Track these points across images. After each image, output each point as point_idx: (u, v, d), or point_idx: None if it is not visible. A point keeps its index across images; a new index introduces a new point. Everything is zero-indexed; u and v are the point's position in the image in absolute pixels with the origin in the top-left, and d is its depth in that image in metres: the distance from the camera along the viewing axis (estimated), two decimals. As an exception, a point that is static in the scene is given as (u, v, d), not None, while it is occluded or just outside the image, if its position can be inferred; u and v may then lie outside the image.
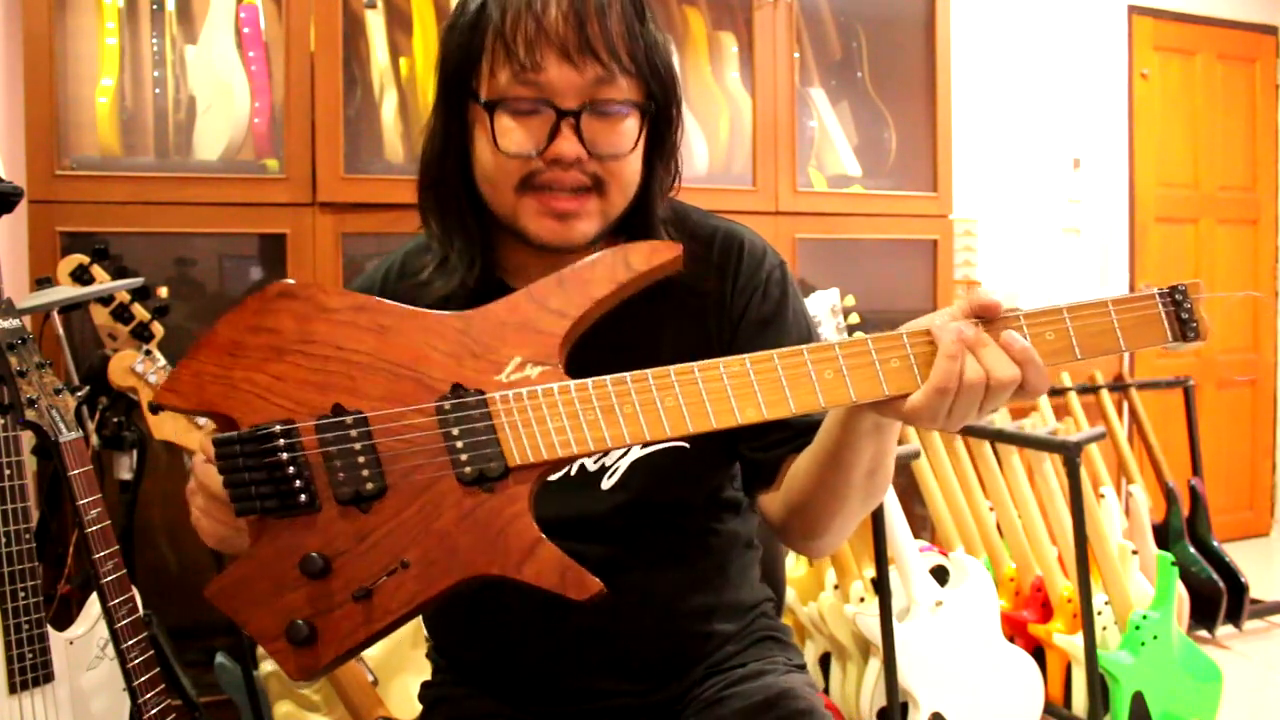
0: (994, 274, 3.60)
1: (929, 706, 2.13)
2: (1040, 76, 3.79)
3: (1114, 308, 0.77)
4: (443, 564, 0.76)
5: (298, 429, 0.77)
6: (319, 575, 0.76)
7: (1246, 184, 4.29)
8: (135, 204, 1.99)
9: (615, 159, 0.93)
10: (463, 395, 0.77)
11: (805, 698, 1.03)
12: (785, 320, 1.04)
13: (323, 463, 0.77)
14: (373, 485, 0.76)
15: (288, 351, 0.79)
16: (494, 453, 0.76)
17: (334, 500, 0.77)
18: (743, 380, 0.77)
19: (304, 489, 0.76)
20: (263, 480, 0.76)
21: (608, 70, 0.90)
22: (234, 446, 0.77)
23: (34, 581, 1.44)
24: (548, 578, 0.76)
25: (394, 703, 1.79)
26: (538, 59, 0.88)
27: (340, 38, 2.11)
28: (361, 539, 0.77)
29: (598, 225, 0.95)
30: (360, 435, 0.77)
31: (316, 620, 0.76)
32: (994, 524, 2.57)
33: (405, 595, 0.76)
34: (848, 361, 0.77)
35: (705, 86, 2.62)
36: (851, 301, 2.18)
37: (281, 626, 0.76)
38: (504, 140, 0.91)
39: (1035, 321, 0.78)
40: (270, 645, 0.77)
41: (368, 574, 0.76)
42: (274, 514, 0.77)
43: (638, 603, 1.01)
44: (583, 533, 0.98)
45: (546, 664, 1.03)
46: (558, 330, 0.79)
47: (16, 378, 1.39)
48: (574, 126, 0.90)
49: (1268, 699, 2.82)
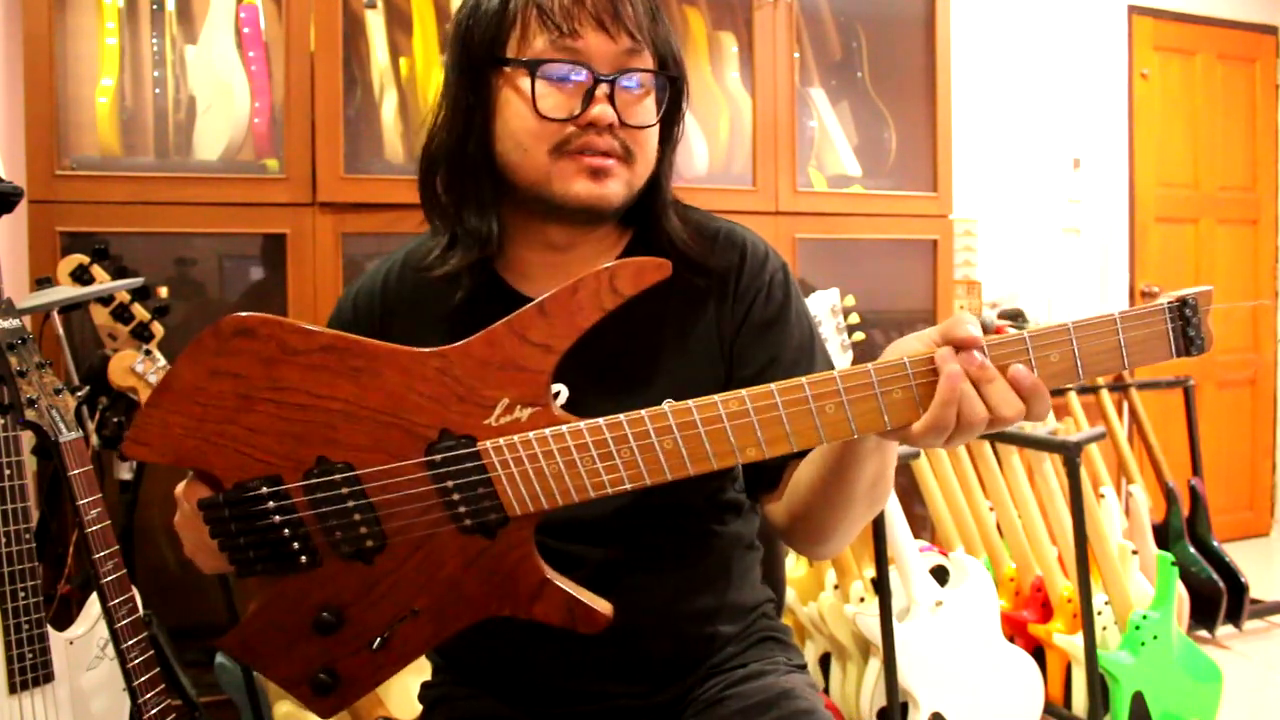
0: (994, 274, 3.60)
1: (929, 706, 2.13)
2: (1040, 76, 3.79)
3: (1121, 324, 0.73)
4: (454, 609, 0.77)
5: (286, 489, 0.75)
6: (332, 630, 0.76)
7: (1246, 184, 4.29)
8: (135, 204, 1.99)
9: (642, 129, 0.96)
10: (453, 444, 0.74)
11: (806, 698, 1.03)
12: (788, 322, 1.03)
13: (317, 521, 0.75)
14: (372, 542, 0.75)
15: (258, 400, 0.75)
16: (493, 505, 0.75)
17: (335, 556, 0.76)
18: (742, 419, 0.74)
19: (303, 550, 0.75)
20: (258, 543, 0.75)
21: (637, 43, 0.94)
22: (222, 510, 0.75)
23: (34, 581, 1.44)
24: (557, 615, 0.77)
25: (394, 703, 1.78)
26: (575, 26, 0.92)
27: (340, 38, 2.11)
28: (369, 589, 0.76)
29: (624, 192, 0.96)
30: (352, 492, 0.75)
31: (337, 667, 0.76)
32: (994, 524, 2.57)
33: (421, 640, 0.77)
34: (849, 395, 0.74)
35: (705, 86, 2.62)
36: (851, 301, 2.18)
37: (303, 675, 0.77)
38: (543, 103, 0.93)
39: (1041, 344, 0.73)
40: (295, 691, 0.78)
41: (379, 622, 0.76)
42: (275, 572, 0.76)
43: (639, 605, 1.01)
44: (584, 535, 0.98)
45: (547, 665, 1.03)
46: (544, 367, 0.75)
47: (16, 378, 1.39)
48: (608, 93, 0.92)
49: (1268, 699, 2.82)
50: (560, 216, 0.97)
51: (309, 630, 0.76)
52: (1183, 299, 0.73)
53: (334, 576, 0.76)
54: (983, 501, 2.57)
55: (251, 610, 0.79)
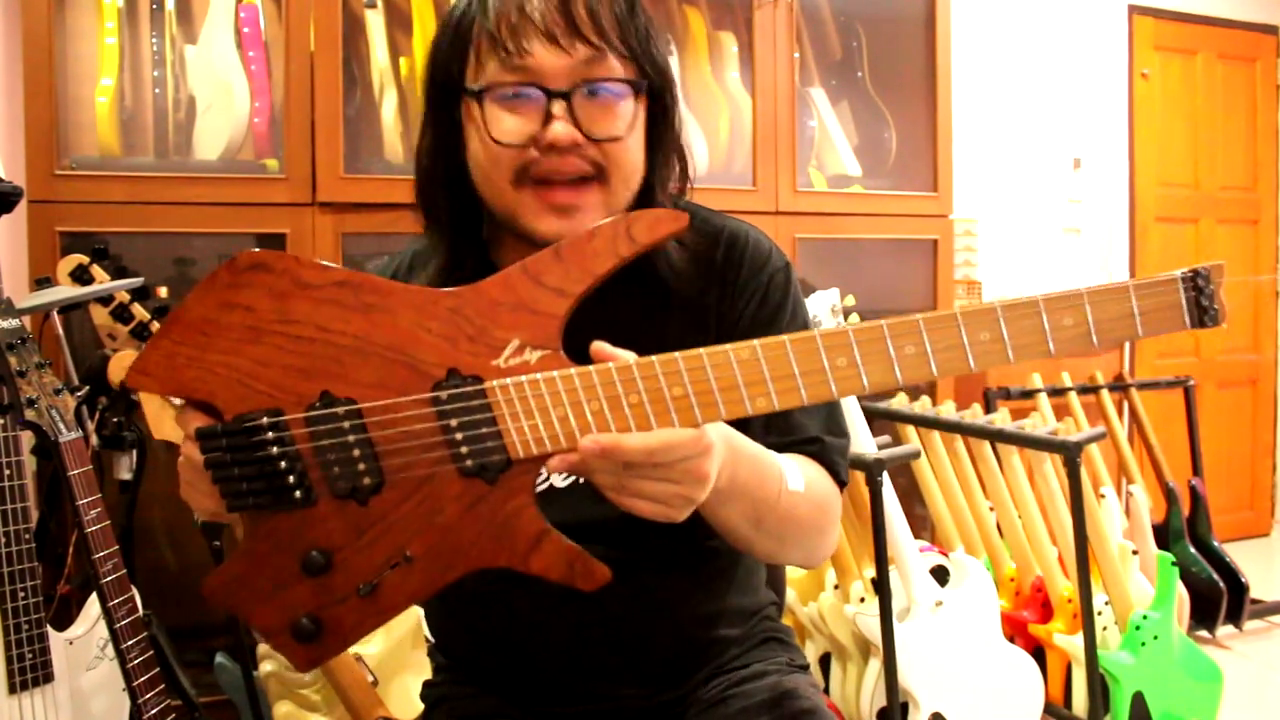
0: (994, 274, 3.60)
1: (929, 706, 2.13)
2: (1040, 76, 3.79)
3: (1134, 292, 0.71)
4: (448, 557, 0.74)
5: (286, 420, 0.73)
6: (319, 572, 0.74)
7: (1246, 184, 4.29)
8: (135, 204, 1.99)
9: (613, 142, 0.90)
10: (460, 382, 0.73)
11: (808, 698, 1.03)
12: (781, 322, 1.02)
13: (315, 455, 0.74)
14: (370, 480, 0.74)
15: (266, 332, 0.74)
16: (496, 445, 0.73)
17: (330, 494, 0.74)
18: (753, 367, 0.72)
19: (298, 484, 0.73)
20: (253, 475, 0.73)
21: (598, 50, 0.88)
22: (219, 439, 0.73)
23: (34, 581, 1.44)
24: (556, 569, 0.74)
25: (394, 703, 1.78)
26: (523, 44, 0.87)
27: (340, 38, 2.11)
28: (361, 533, 0.74)
29: (599, 217, 0.92)
30: (353, 427, 0.73)
31: (321, 614, 0.74)
32: (994, 524, 2.57)
33: (410, 589, 0.74)
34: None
35: (705, 86, 2.62)
36: (851, 301, 2.18)
37: (285, 622, 0.74)
38: (495, 129, 0.89)
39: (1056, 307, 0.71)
40: (275, 640, 0.75)
41: (370, 568, 0.74)
42: (267, 507, 0.74)
43: (645, 607, 1.01)
44: (591, 537, 0.97)
45: (550, 665, 1.03)
46: (557, 311, 0.74)
47: (16, 378, 1.39)
48: (567, 109, 0.87)
49: (1268, 699, 2.82)
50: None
51: (296, 572, 0.74)
52: (1195, 270, 0.72)
53: (327, 517, 0.74)
54: (983, 501, 2.57)
55: (236, 552, 0.76)
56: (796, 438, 0.97)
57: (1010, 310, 0.71)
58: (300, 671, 0.77)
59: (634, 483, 0.75)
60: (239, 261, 0.75)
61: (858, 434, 2.16)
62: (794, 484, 0.90)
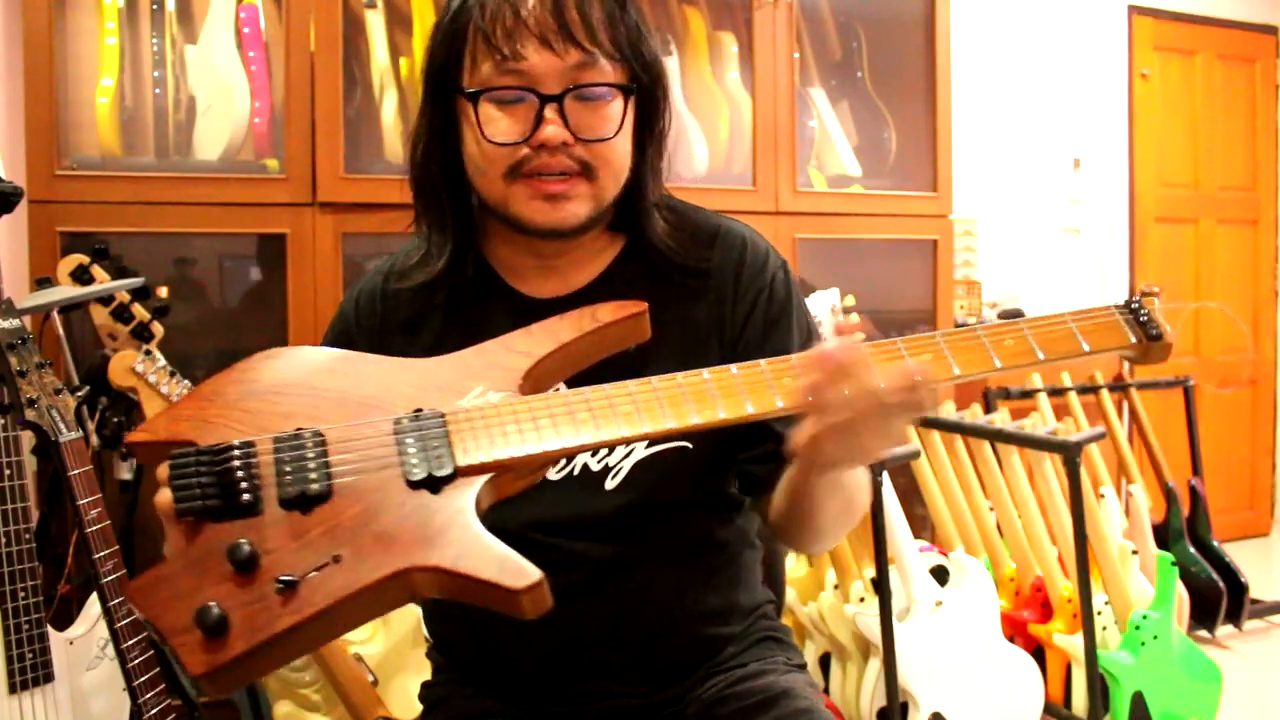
0: (994, 274, 3.60)
1: (929, 706, 2.13)
2: (1040, 76, 3.79)
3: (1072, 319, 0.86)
4: (376, 557, 0.74)
5: (255, 443, 0.77)
6: (244, 566, 0.72)
7: (1246, 184, 4.29)
8: (135, 204, 1.99)
9: (602, 143, 0.94)
10: (423, 413, 0.79)
11: (806, 697, 1.03)
12: (791, 321, 1.04)
13: (274, 472, 0.76)
14: (317, 486, 0.75)
15: (261, 394, 0.81)
16: (444, 455, 0.76)
17: (277, 503, 0.75)
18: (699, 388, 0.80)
19: (249, 489, 0.75)
20: (209, 483, 0.75)
21: (589, 55, 0.92)
22: (190, 458, 0.77)
23: (34, 581, 1.44)
24: (486, 568, 0.73)
25: (394, 703, 1.79)
26: (518, 47, 0.90)
27: (340, 38, 2.11)
28: (297, 537, 0.75)
29: (589, 208, 0.95)
30: (315, 446, 0.77)
31: (231, 609, 0.71)
32: (994, 524, 2.57)
33: (332, 588, 0.73)
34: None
35: (705, 86, 2.62)
36: (851, 301, 2.18)
37: (191, 613, 0.71)
38: (490, 129, 0.92)
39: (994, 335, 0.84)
40: (177, 639, 0.72)
41: (297, 568, 0.73)
42: (214, 514, 0.75)
43: (640, 605, 1.01)
44: (586, 533, 0.98)
45: (548, 665, 1.03)
46: (520, 366, 0.82)
47: (16, 378, 1.39)
48: (558, 111, 0.91)
49: (1268, 699, 2.82)
50: (534, 235, 0.97)
51: (218, 573, 0.73)
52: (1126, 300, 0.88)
53: (266, 525, 0.75)
54: (983, 501, 2.57)
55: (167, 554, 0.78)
56: None
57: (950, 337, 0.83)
58: (196, 676, 0.72)
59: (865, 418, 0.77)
60: (258, 355, 0.84)
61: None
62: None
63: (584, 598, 0.99)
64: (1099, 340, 0.85)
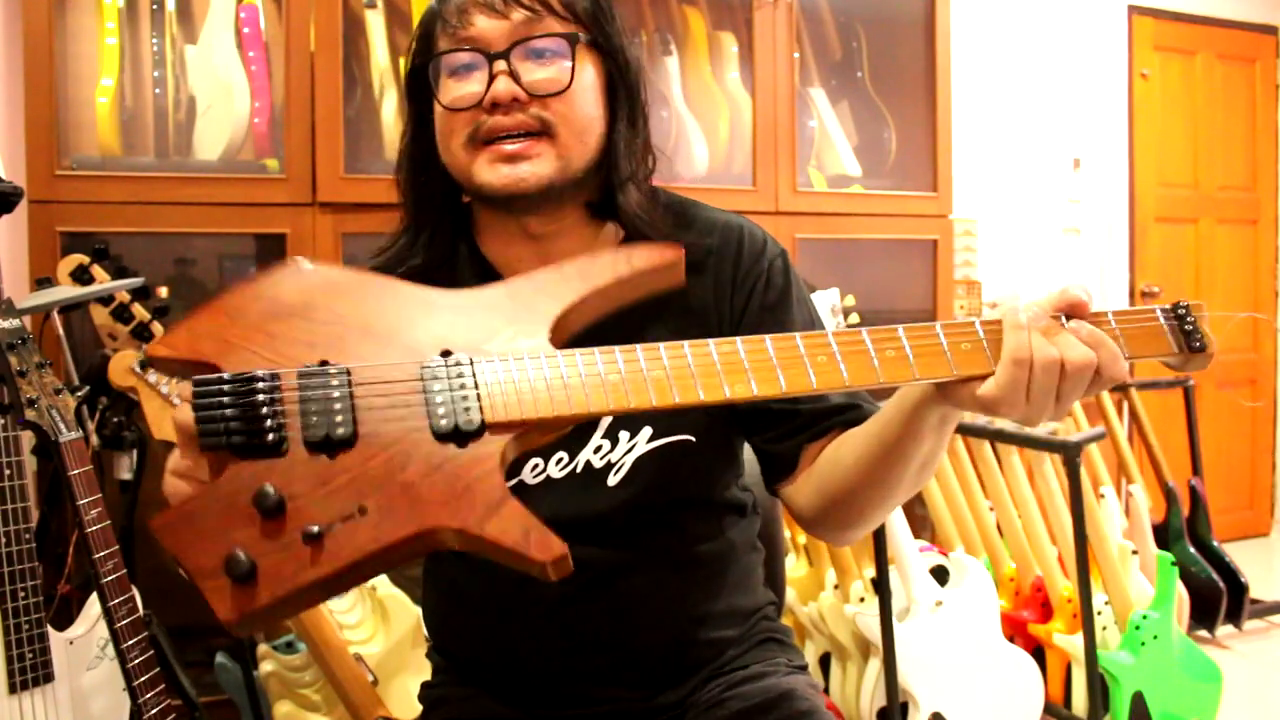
0: (994, 274, 3.60)
1: (929, 706, 2.14)
2: (1040, 76, 3.79)
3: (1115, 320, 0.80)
4: (402, 514, 0.74)
5: (280, 377, 0.76)
6: (271, 513, 0.73)
7: (1246, 184, 4.29)
8: (135, 204, 1.99)
9: (555, 97, 0.94)
10: (449, 357, 0.78)
11: (807, 699, 1.03)
12: (790, 306, 1.04)
13: (299, 410, 0.75)
14: (343, 430, 0.75)
15: (285, 316, 0.80)
16: (472, 408, 0.76)
17: (302, 444, 0.75)
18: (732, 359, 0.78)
19: (274, 429, 0.74)
20: (235, 418, 0.75)
21: (535, 13, 0.94)
22: (215, 386, 0.76)
23: (34, 581, 1.44)
24: (510, 535, 0.73)
25: (394, 703, 1.79)
26: (466, 17, 0.94)
27: (340, 38, 2.11)
28: (323, 484, 0.74)
29: (551, 168, 0.95)
30: (340, 385, 0.76)
31: (260, 556, 0.72)
32: (994, 524, 2.57)
33: (358, 542, 0.73)
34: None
35: (705, 86, 2.62)
36: (851, 301, 2.19)
37: (220, 557, 0.72)
38: (446, 96, 0.95)
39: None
40: (207, 582, 0.73)
41: (322, 518, 0.74)
42: (238, 451, 0.75)
43: (642, 607, 1.01)
44: (588, 534, 0.98)
45: (550, 667, 1.03)
46: (551, 311, 0.80)
47: (16, 378, 1.39)
48: (507, 67, 0.93)
49: (1268, 699, 2.82)
50: (510, 207, 0.98)
51: (245, 515, 0.73)
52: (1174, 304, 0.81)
53: (292, 466, 0.75)
54: (983, 501, 2.57)
55: (195, 490, 0.77)
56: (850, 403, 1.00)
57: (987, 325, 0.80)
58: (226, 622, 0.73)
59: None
60: (283, 268, 0.82)
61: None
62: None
63: (586, 601, 0.99)
64: (1139, 346, 0.81)
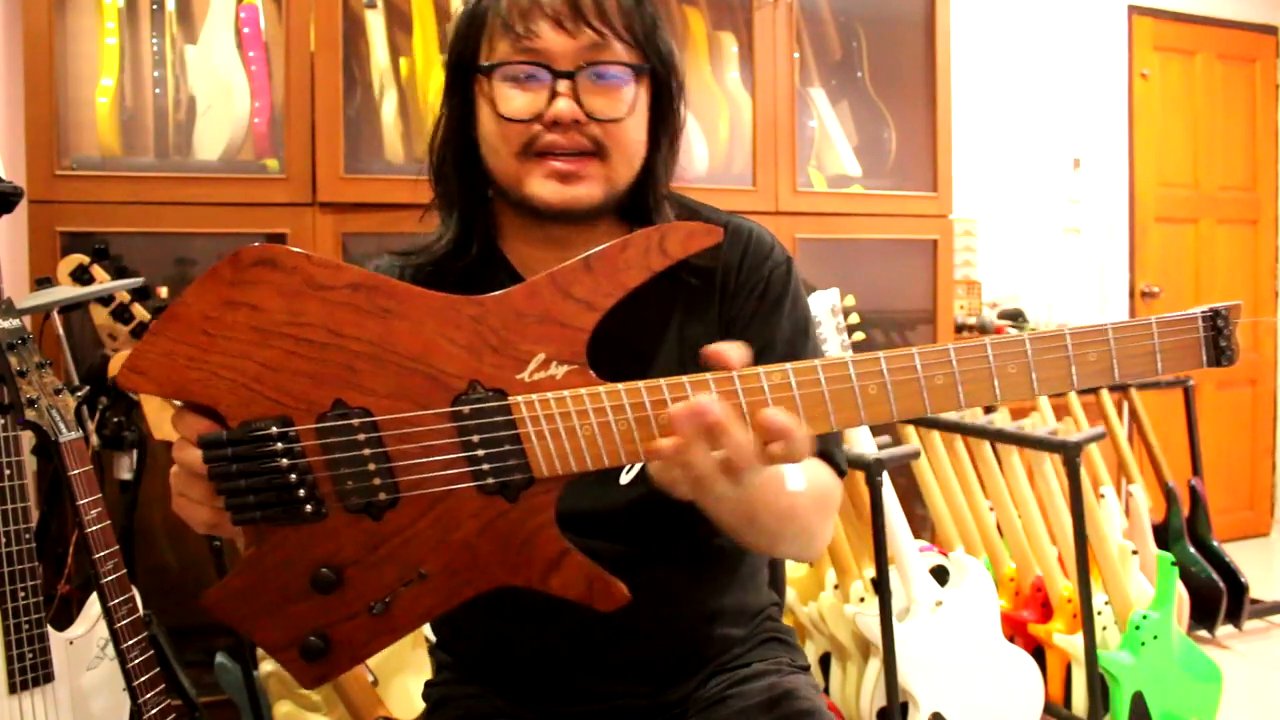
0: (994, 274, 3.60)
1: (929, 706, 2.13)
2: (1040, 76, 3.79)
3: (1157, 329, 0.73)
4: (464, 575, 0.71)
5: (296, 429, 0.69)
6: (330, 588, 0.70)
7: (1246, 184, 4.29)
8: (135, 204, 1.99)
9: (614, 123, 0.94)
10: (482, 396, 0.70)
11: (808, 698, 1.03)
12: (781, 314, 1.03)
13: (327, 468, 0.70)
14: (385, 495, 0.70)
15: (274, 334, 0.70)
16: (520, 464, 0.71)
17: (342, 508, 0.71)
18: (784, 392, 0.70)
19: (308, 497, 0.70)
20: (261, 487, 0.69)
21: (602, 36, 0.93)
22: (225, 448, 0.69)
23: (34, 581, 1.44)
24: (575, 588, 0.72)
25: (394, 703, 1.78)
26: (532, 26, 0.92)
27: (340, 38, 2.11)
28: (374, 549, 0.71)
29: (601, 190, 0.95)
30: (368, 439, 0.70)
31: (330, 632, 0.71)
32: (994, 524, 2.57)
33: (424, 607, 0.72)
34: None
35: (705, 86, 2.62)
36: (851, 301, 2.18)
37: (291, 639, 0.71)
38: (504, 106, 0.94)
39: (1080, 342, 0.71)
40: (281, 656, 0.73)
41: (382, 586, 0.71)
42: (275, 522, 0.71)
43: (649, 603, 1.00)
44: (598, 529, 0.98)
45: (554, 664, 1.03)
46: (585, 324, 0.72)
47: (16, 378, 1.39)
48: (571, 88, 0.92)
49: (1268, 699, 2.82)
50: (547, 217, 0.97)
51: (305, 588, 0.70)
52: (1215, 310, 0.74)
53: (338, 531, 0.70)
54: (983, 501, 2.57)
55: (240, 564, 0.72)
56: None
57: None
58: (306, 688, 0.73)
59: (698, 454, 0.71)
60: (244, 256, 0.70)
61: (858, 434, 2.16)
62: (793, 484, 0.90)
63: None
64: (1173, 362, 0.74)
